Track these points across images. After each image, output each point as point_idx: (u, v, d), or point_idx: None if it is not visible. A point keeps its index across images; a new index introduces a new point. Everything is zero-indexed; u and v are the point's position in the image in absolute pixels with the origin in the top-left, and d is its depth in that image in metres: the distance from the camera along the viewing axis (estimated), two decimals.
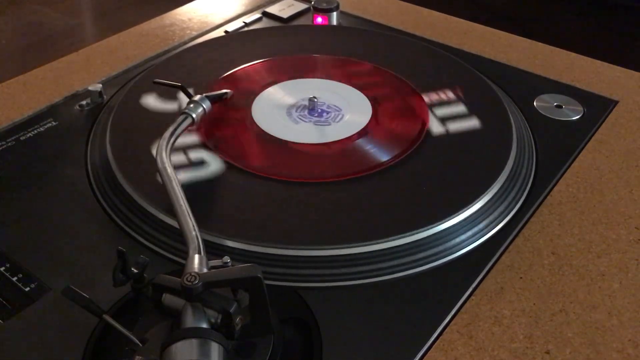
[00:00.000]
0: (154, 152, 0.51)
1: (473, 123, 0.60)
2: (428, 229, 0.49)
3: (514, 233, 0.51)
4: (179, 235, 0.44)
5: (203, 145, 0.57)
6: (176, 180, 0.47)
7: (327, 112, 0.62)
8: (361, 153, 0.57)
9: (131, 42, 0.77)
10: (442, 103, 0.63)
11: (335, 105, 0.63)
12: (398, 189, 0.53)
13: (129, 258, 0.39)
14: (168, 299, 0.38)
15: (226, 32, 0.80)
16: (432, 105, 0.63)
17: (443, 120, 0.61)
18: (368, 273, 0.47)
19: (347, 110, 0.62)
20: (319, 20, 0.81)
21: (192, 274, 0.37)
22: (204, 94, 0.58)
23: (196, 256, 0.40)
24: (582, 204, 0.55)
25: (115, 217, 0.52)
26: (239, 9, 0.86)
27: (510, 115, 0.61)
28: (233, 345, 0.38)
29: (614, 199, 0.55)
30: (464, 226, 0.50)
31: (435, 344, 0.43)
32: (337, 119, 0.61)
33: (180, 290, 0.37)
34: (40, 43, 2.09)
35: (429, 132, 0.59)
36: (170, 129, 0.53)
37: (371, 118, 0.61)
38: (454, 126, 0.60)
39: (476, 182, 0.53)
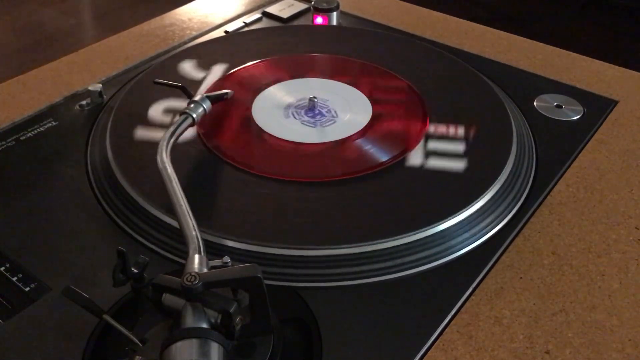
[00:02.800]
0: (154, 152, 0.51)
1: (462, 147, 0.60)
2: (428, 229, 0.49)
3: (514, 233, 0.51)
4: (179, 235, 0.44)
5: (203, 145, 0.57)
6: (176, 180, 0.47)
7: (327, 112, 0.62)
8: (361, 153, 0.57)
9: (131, 42, 0.77)
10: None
11: (335, 105, 0.63)
12: (398, 189, 0.53)
13: (129, 258, 0.39)
14: (168, 299, 0.38)
15: (226, 32, 0.80)
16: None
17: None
18: (368, 273, 0.47)
19: (347, 110, 0.62)
20: (319, 20, 0.81)
21: (192, 274, 0.37)
22: (205, 94, 0.58)
23: (196, 256, 0.40)
24: (582, 204, 0.55)
25: (115, 217, 0.52)
26: (239, 9, 0.86)
27: (510, 115, 0.61)
28: (233, 345, 0.38)
29: (614, 199, 0.55)
30: (464, 226, 0.50)
31: (435, 344, 0.43)
32: (337, 119, 0.61)
33: (180, 290, 0.37)
34: (40, 43, 2.09)
35: (428, 132, 0.59)
36: (171, 129, 0.53)
37: (371, 118, 0.61)
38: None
39: (476, 182, 0.53)
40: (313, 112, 0.62)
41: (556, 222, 0.53)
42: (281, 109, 0.62)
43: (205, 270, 0.38)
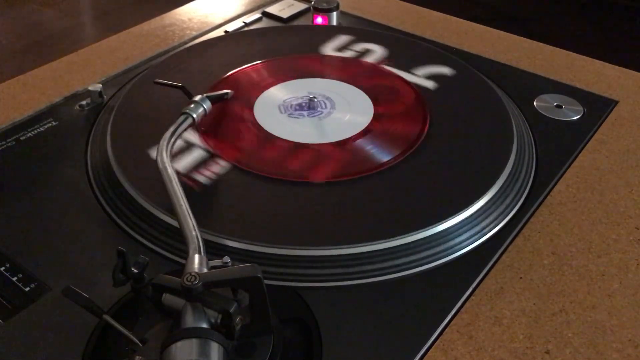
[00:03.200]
0: (154, 152, 0.51)
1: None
2: (428, 229, 0.49)
3: (514, 233, 0.51)
4: (179, 235, 0.44)
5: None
6: (176, 180, 0.47)
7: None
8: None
9: (131, 42, 0.77)
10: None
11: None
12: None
13: (129, 258, 0.39)
14: (168, 299, 0.38)
15: (226, 32, 0.80)
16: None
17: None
18: (368, 273, 0.47)
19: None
20: (319, 20, 0.81)
21: (192, 274, 0.37)
22: (205, 94, 0.58)
23: (196, 256, 0.40)
24: (582, 204, 0.55)
25: (115, 217, 0.52)
26: (239, 9, 0.86)
27: (511, 115, 0.61)
28: (233, 345, 0.38)
29: (614, 199, 0.55)
30: (464, 226, 0.50)
31: (435, 344, 0.43)
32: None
33: (180, 290, 0.37)
34: (40, 43, 2.09)
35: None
36: (171, 129, 0.53)
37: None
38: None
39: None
40: (313, 112, 0.62)
41: (556, 222, 0.53)
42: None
43: (205, 270, 0.38)
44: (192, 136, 0.58)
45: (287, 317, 0.43)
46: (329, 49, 0.73)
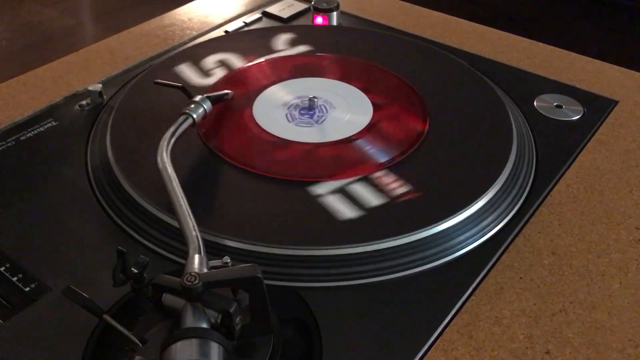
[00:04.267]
0: (154, 152, 0.51)
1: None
2: (428, 229, 0.49)
3: (514, 233, 0.51)
4: (179, 235, 0.44)
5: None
6: (176, 180, 0.47)
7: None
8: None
9: (131, 42, 0.77)
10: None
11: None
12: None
13: (129, 258, 0.39)
14: (168, 299, 0.38)
15: (226, 32, 0.80)
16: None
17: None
18: (368, 273, 0.47)
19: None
20: (319, 20, 0.81)
21: (192, 274, 0.37)
22: (205, 95, 0.58)
23: (196, 256, 0.40)
24: (582, 204, 0.55)
25: (115, 217, 0.52)
26: (239, 9, 0.86)
27: (511, 115, 0.61)
28: (233, 345, 0.38)
29: (614, 199, 0.55)
30: (464, 226, 0.50)
31: (435, 344, 0.43)
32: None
33: (180, 290, 0.37)
34: (40, 43, 2.09)
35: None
36: (171, 129, 0.53)
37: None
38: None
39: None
40: (313, 112, 0.62)
41: (556, 222, 0.53)
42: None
43: (205, 270, 0.38)
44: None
45: (287, 317, 0.43)
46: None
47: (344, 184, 0.53)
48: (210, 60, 0.70)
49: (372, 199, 0.52)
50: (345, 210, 0.51)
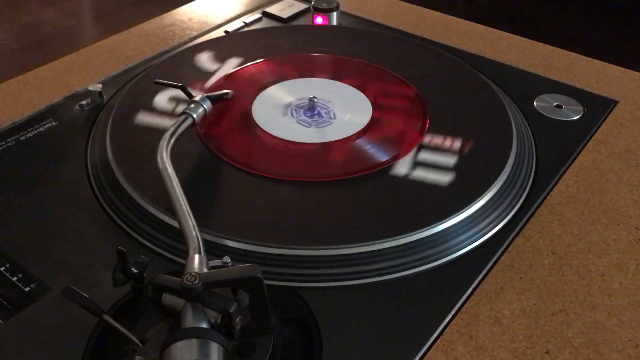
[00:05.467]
0: (154, 152, 0.51)
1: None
2: (428, 229, 0.49)
3: (514, 233, 0.51)
4: (179, 235, 0.44)
5: (203, 146, 0.57)
6: (176, 180, 0.47)
7: (327, 112, 0.62)
8: (361, 153, 0.57)
9: (131, 42, 0.77)
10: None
11: (335, 105, 0.63)
12: (398, 189, 0.53)
13: (129, 258, 0.39)
14: (168, 299, 0.38)
15: (226, 32, 0.80)
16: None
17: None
18: (368, 273, 0.47)
19: (347, 110, 0.62)
20: (319, 20, 0.81)
21: (192, 274, 0.37)
22: (205, 94, 0.58)
23: (196, 256, 0.40)
24: (582, 204, 0.55)
25: (115, 217, 0.52)
26: (239, 9, 0.86)
27: (510, 115, 0.61)
28: (233, 345, 0.38)
29: (614, 199, 0.55)
30: (464, 226, 0.50)
31: (435, 344, 0.43)
32: (337, 119, 0.61)
33: (180, 290, 0.37)
34: (40, 43, 2.09)
35: (429, 132, 0.59)
36: (171, 129, 0.53)
37: (371, 118, 0.61)
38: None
39: (476, 182, 0.53)
40: (313, 112, 0.62)
41: (556, 222, 0.53)
42: (281, 109, 0.62)
43: (205, 270, 0.38)
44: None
45: (287, 317, 0.43)
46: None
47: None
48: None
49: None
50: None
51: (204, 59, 0.70)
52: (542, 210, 0.54)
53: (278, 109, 0.62)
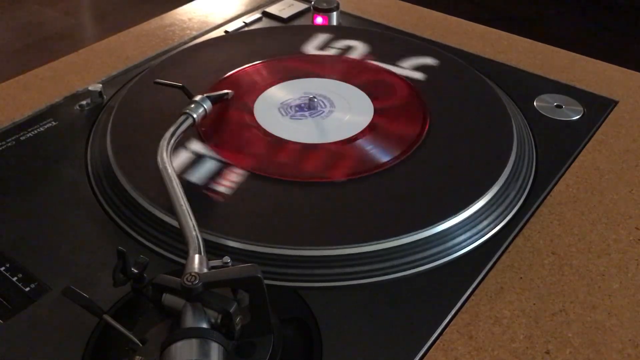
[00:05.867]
0: (154, 152, 0.51)
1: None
2: (428, 229, 0.49)
3: (514, 233, 0.51)
4: (179, 235, 0.44)
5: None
6: (176, 180, 0.47)
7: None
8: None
9: (131, 42, 0.77)
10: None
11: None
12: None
13: (129, 258, 0.39)
14: (168, 299, 0.38)
15: (226, 32, 0.80)
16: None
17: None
18: (368, 273, 0.47)
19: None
20: (319, 20, 0.81)
21: (192, 274, 0.37)
22: (205, 95, 0.58)
23: (196, 256, 0.40)
24: (582, 204, 0.55)
25: (115, 217, 0.52)
26: (239, 9, 0.86)
27: (511, 115, 0.61)
28: (233, 345, 0.38)
29: (614, 199, 0.55)
30: (464, 226, 0.50)
31: (435, 344, 0.43)
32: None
33: (180, 290, 0.37)
34: (40, 43, 2.09)
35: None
36: (171, 129, 0.53)
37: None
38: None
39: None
40: (313, 112, 0.62)
41: (556, 222, 0.53)
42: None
43: (205, 270, 0.38)
44: (192, 136, 0.58)
45: (287, 317, 0.43)
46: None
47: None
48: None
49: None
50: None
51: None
52: (542, 210, 0.54)
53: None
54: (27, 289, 0.46)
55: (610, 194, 0.56)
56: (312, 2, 0.81)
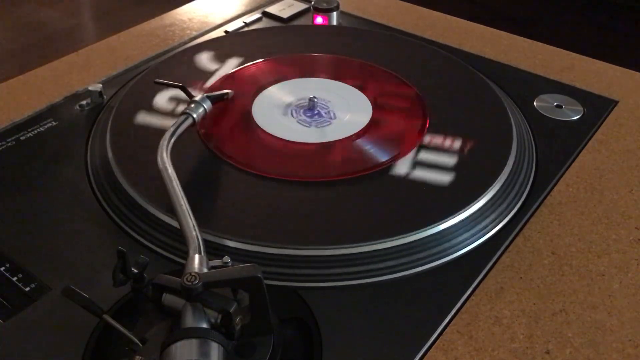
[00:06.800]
0: (154, 152, 0.51)
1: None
2: (428, 229, 0.49)
3: (514, 233, 0.51)
4: (179, 235, 0.44)
5: (203, 146, 0.57)
6: (176, 180, 0.47)
7: (327, 112, 0.62)
8: (361, 153, 0.57)
9: (131, 42, 0.77)
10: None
11: (335, 105, 0.63)
12: (398, 189, 0.53)
13: (129, 258, 0.39)
14: (168, 299, 0.38)
15: (226, 32, 0.80)
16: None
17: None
18: (368, 273, 0.47)
19: (347, 110, 0.62)
20: (319, 20, 0.81)
21: (192, 274, 0.37)
22: (205, 94, 0.58)
23: (196, 256, 0.40)
24: (582, 204, 0.55)
25: (115, 217, 0.52)
26: (239, 9, 0.86)
27: (510, 115, 0.61)
28: (233, 345, 0.38)
29: (614, 199, 0.55)
30: (464, 226, 0.50)
31: (435, 344, 0.43)
32: (337, 119, 0.61)
33: (180, 290, 0.37)
34: (40, 43, 2.09)
35: (429, 132, 0.59)
36: (171, 129, 0.53)
37: (371, 118, 0.61)
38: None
39: (476, 182, 0.53)
40: (313, 112, 0.62)
41: (556, 222, 0.53)
42: (281, 109, 0.62)
43: (205, 270, 0.38)
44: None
45: (287, 317, 0.43)
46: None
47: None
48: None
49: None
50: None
51: (204, 59, 0.70)
52: (542, 210, 0.54)
53: (278, 109, 0.62)
54: (27, 289, 0.46)
55: (610, 194, 0.56)
56: (312, 2, 0.81)
